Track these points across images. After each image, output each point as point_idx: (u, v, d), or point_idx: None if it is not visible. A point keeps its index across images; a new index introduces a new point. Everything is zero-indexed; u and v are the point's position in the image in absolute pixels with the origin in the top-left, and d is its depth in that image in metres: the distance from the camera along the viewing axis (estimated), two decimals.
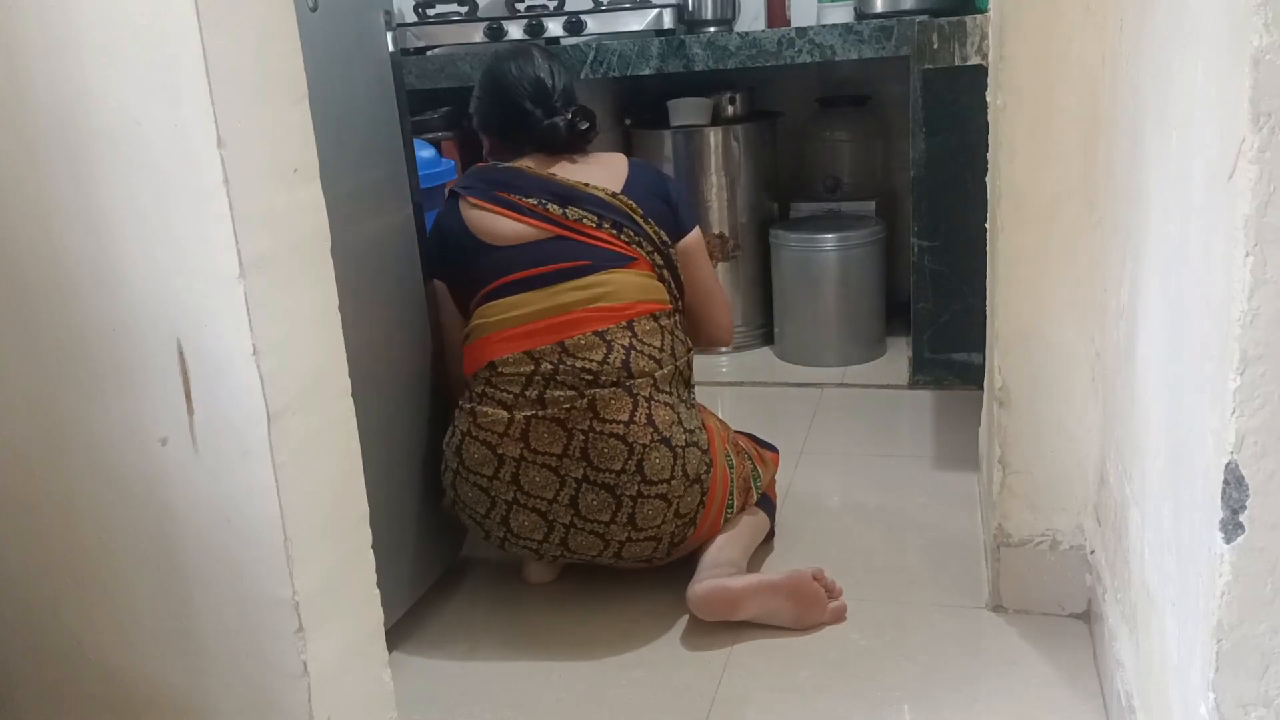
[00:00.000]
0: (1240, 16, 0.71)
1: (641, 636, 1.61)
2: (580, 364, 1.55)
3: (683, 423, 1.61)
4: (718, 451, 1.67)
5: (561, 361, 1.55)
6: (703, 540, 1.68)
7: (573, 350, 1.56)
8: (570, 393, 1.54)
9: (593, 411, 1.54)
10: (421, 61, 2.78)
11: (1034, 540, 1.55)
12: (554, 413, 1.54)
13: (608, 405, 1.55)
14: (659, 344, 1.61)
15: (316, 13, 1.38)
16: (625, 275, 1.62)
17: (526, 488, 1.56)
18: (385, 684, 1.15)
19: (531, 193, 1.64)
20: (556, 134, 1.68)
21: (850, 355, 2.79)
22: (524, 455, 1.55)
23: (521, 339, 1.58)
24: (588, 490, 1.55)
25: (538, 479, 1.56)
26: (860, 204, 2.94)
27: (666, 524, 1.60)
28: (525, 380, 1.56)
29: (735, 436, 1.81)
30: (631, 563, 1.66)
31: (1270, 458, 0.75)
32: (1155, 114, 1.06)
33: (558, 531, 1.59)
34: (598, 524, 1.58)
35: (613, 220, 1.63)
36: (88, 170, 0.92)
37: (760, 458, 1.84)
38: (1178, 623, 0.93)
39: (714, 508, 1.66)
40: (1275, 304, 0.72)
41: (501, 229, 1.63)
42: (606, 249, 1.62)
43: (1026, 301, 1.49)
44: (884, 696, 1.43)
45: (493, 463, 1.56)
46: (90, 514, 1.03)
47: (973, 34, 2.33)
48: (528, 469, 1.56)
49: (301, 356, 0.99)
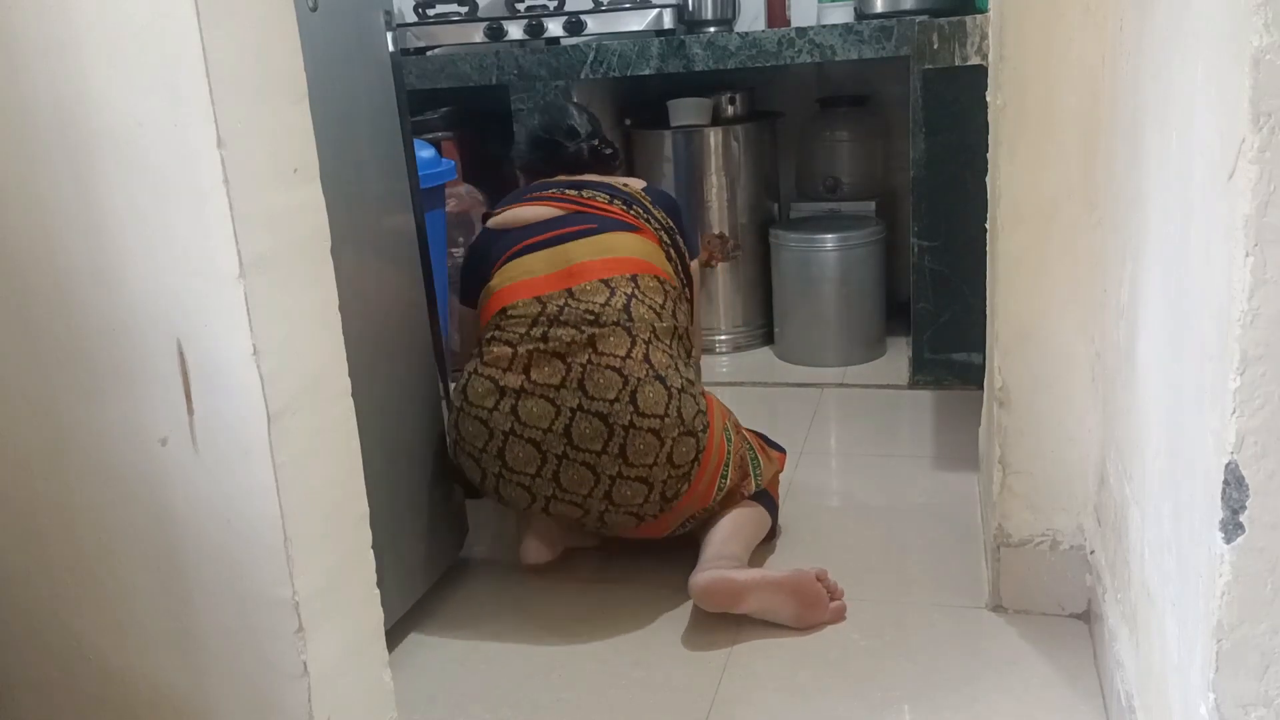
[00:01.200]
0: (1240, 16, 0.71)
1: (641, 636, 1.61)
2: (584, 306, 1.64)
3: (680, 371, 1.65)
4: (716, 419, 1.69)
5: (567, 304, 1.65)
6: (695, 509, 1.68)
7: (578, 295, 1.66)
8: (573, 331, 1.62)
9: (592, 346, 1.61)
10: (421, 61, 2.78)
11: (1034, 540, 1.55)
12: (555, 347, 1.61)
13: (606, 341, 1.61)
14: (660, 301, 1.69)
15: (316, 13, 1.38)
16: (631, 237, 1.76)
17: (524, 418, 1.59)
18: (385, 684, 1.14)
19: (551, 186, 1.85)
20: (581, 156, 1.92)
21: (850, 355, 2.79)
22: (524, 386, 1.60)
23: (532, 288, 1.69)
24: (581, 419, 1.57)
25: (535, 409, 1.59)
26: (860, 204, 2.94)
27: (659, 467, 1.59)
28: (532, 320, 1.65)
29: (741, 428, 1.82)
30: (622, 516, 1.63)
31: (1270, 458, 0.75)
32: (1155, 114, 1.06)
33: (550, 464, 1.59)
34: (589, 454, 1.58)
35: (624, 199, 1.80)
36: (88, 170, 0.92)
37: (764, 452, 1.84)
38: (1178, 623, 0.93)
39: (709, 470, 1.66)
40: (1275, 304, 0.72)
41: (523, 214, 1.79)
42: (615, 218, 1.77)
43: (1026, 301, 1.49)
44: (884, 696, 1.44)
45: (494, 395, 1.61)
46: (90, 514, 1.03)
47: (973, 34, 2.33)
48: (526, 400, 1.59)
49: (301, 356, 0.99)
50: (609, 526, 1.68)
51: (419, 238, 1.70)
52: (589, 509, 1.63)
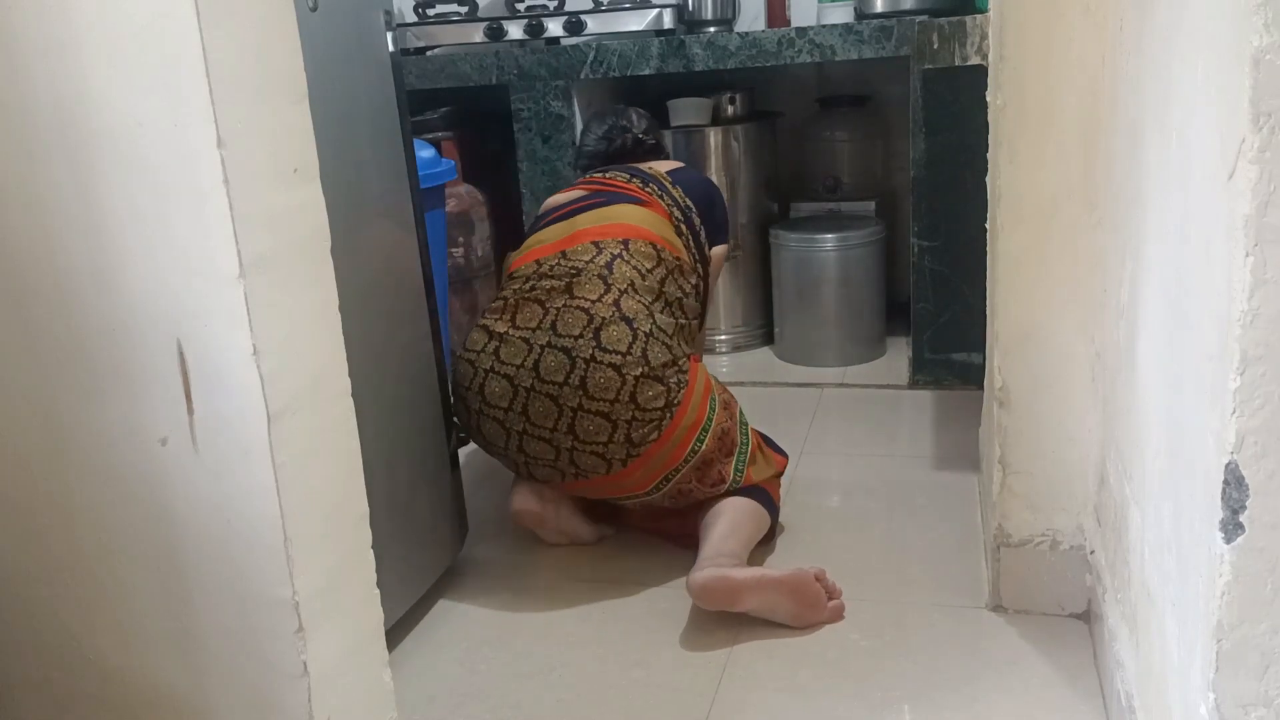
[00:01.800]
0: (1240, 16, 0.71)
1: (641, 636, 1.61)
2: (570, 263, 1.77)
3: (654, 318, 1.71)
4: (699, 383, 1.72)
5: (558, 262, 1.78)
6: (666, 465, 1.69)
7: (569, 255, 1.79)
8: (555, 281, 1.75)
9: (569, 292, 1.73)
10: (421, 61, 2.78)
11: (1034, 540, 1.55)
12: (537, 295, 1.74)
13: (582, 287, 1.73)
14: (649, 266, 1.76)
15: (316, 13, 1.38)
16: (634, 208, 1.85)
17: (504, 357, 1.71)
18: (385, 684, 1.14)
19: (587, 174, 2.04)
20: (625, 148, 2.11)
21: (850, 355, 2.79)
22: (508, 331, 1.73)
23: (537, 254, 1.83)
24: (548, 354, 1.68)
25: (513, 350, 1.71)
26: (860, 204, 2.94)
27: (620, 405, 1.64)
28: (527, 277, 1.80)
29: (740, 418, 1.82)
30: (589, 457, 1.67)
31: (1270, 458, 0.75)
32: (1155, 114, 1.06)
33: (520, 396, 1.69)
34: (553, 385, 1.67)
35: (642, 178, 1.92)
36: (88, 170, 0.92)
37: (763, 450, 1.84)
38: (1178, 623, 0.93)
39: (682, 426, 1.68)
40: (1275, 304, 0.72)
41: (557, 199, 1.97)
42: (625, 193, 1.88)
43: (1026, 301, 1.49)
44: (884, 696, 1.44)
45: (484, 339, 1.75)
46: (90, 514, 1.03)
47: (973, 34, 2.33)
48: (508, 341, 1.72)
49: (301, 356, 0.99)
50: (581, 470, 1.70)
51: (419, 238, 1.70)
52: (557, 445, 1.69)
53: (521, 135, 2.74)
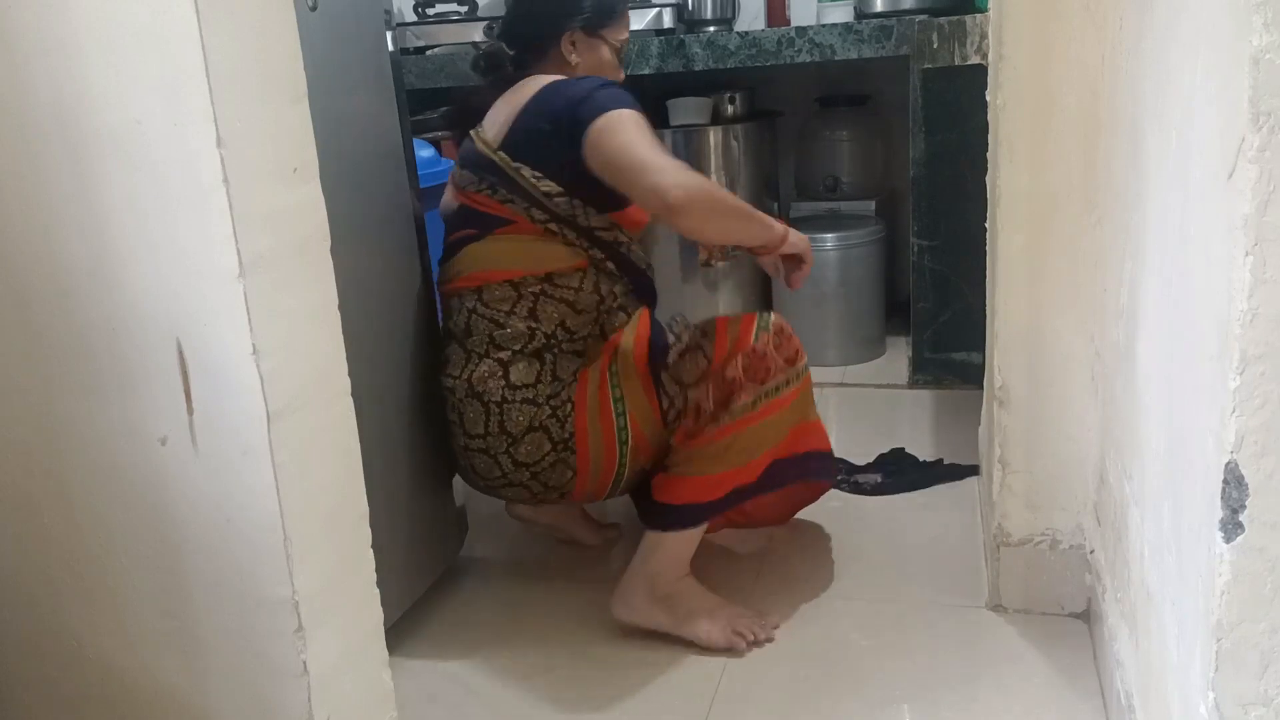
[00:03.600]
0: (1240, 16, 0.71)
1: (642, 636, 1.61)
2: (448, 325, 1.69)
3: (509, 375, 1.58)
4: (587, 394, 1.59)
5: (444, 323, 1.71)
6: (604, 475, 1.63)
7: (446, 314, 1.71)
8: (443, 351, 1.68)
9: (445, 363, 1.66)
10: (421, 61, 2.78)
11: (1034, 540, 1.55)
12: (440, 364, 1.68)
13: (447, 362, 1.65)
14: (508, 308, 1.60)
15: (316, 12, 1.38)
16: (488, 246, 1.62)
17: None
18: (385, 684, 1.14)
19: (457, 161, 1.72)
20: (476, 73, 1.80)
21: (850, 355, 2.79)
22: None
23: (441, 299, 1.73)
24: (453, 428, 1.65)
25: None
26: (860, 204, 2.94)
27: (517, 472, 1.61)
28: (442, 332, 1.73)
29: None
30: (537, 486, 1.63)
31: (1270, 457, 0.75)
32: (1155, 114, 1.06)
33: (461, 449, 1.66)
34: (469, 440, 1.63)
35: (489, 182, 1.61)
36: (88, 170, 0.92)
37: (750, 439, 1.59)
38: (1177, 622, 0.93)
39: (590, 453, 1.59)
40: (1275, 304, 0.72)
41: (445, 199, 1.74)
42: (488, 213, 1.62)
43: (1026, 301, 1.49)
44: (884, 696, 1.44)
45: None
46: (90, 513, 1.03)
47: (973, 33, 2.33)
48: None
49: (301, 356, 0.99)
50: (550, 491, 1.65)
51: (419, 237, 1.70)
52: (509, 478, 1.63)
53: None
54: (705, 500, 1.58)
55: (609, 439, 1.60)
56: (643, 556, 1.61)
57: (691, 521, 1.60)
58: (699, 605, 1.59)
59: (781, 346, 1.62)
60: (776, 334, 1.62)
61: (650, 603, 1.59)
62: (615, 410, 1.60)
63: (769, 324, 1.63)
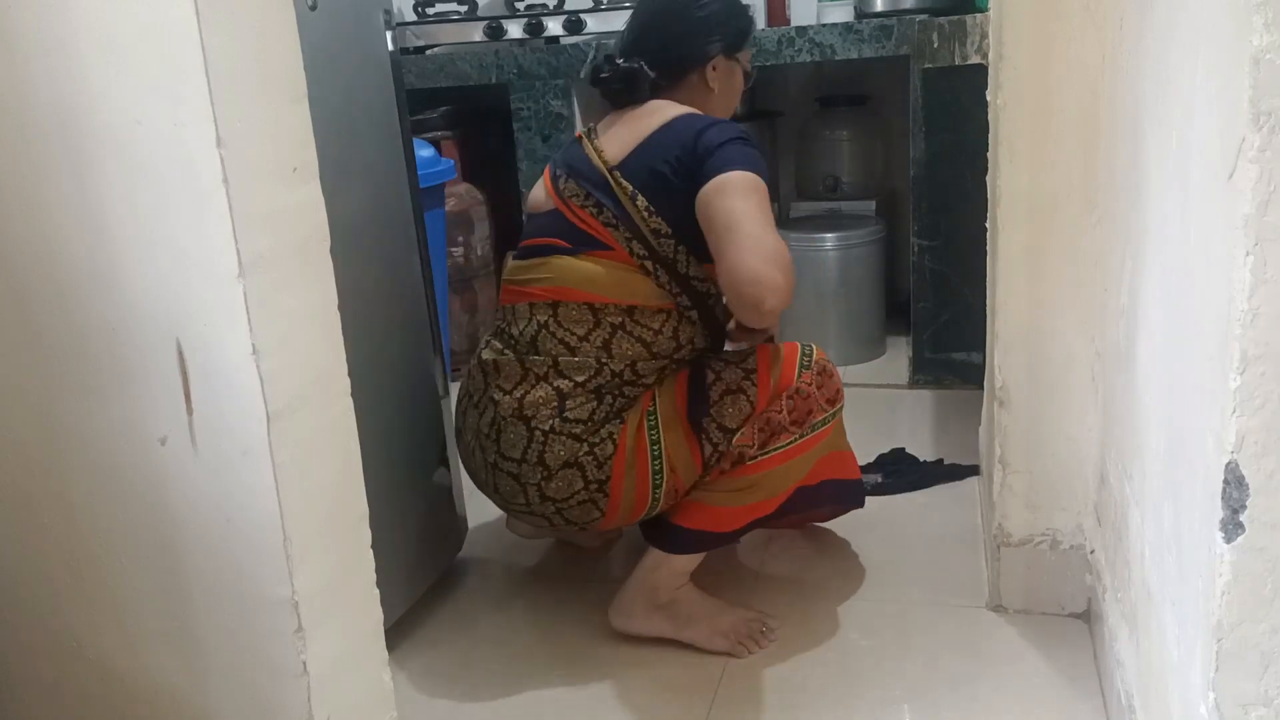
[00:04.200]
0: (1240, 16, 0.71)
1: (642, 638, 1.60)
2: (510, 329, 1.60)
3: (563, 411, 1.51)
4: (626, 442, 1.52)
5: (502, 322, 1.63)
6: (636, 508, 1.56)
7: (508, 316, 1.62)
8: (497, 354, 1.60)
9: (497, 371, 1.58)
10: (421, 61, 2.78)
11: (1034, 540, 1.55)
12: (483, 363, 1.61)
13: (500, 371, 1.57)
14: (582, 333, 1.53)
15: (316, 12, 1.38)
16: (578, 263, 1.55)
17: (465, 414, 1.64)
18: (385, 684, 1.14)
19: (560, 161, 1.66)
20: (602, 88, 1.67)
21: (850, 355, 2.79)
22: (467, 388, 1.64)
23: (505, 296, 1.66)
24: (480, 438, 1.59)
25: (466, 412, 1.64)
26: (860, 204, 2.94)
27: (541, 504, 1.54)
28: (494, 329, 1.67)
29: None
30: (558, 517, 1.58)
31: (1270, 457, 0.75)
32: (1155, 113, 1.06)
33: (483, 473, 1.62)
34: (481, 471, 1.61)
35: (596, 201, 1.56)
36: (88, 170, 0.92)
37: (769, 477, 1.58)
38: (1178, 622, 0.93)
39: (624, 490, 1.53)
40: (1275, 304, 0.72)
41: (536, 195, 1.68)
42: (585, 230, 1.56)
43: (1026, 301, 1.49)
44: (884, 696, 1.44)
45: (463, 385, 1.67)
46: (90, 513, 1.03)
47: (973, 33, 2.33)
48: (461, 400, 1.65)
49: (301, 356, 0.99)
50: (571, 525, 1.61)
51: (419, 237, 1.70)
52: (533, 509, 1.58)
53: (521, 134, 2.73)
54: (722, 530, 1.58)
55: (643, 485, 1.54)
56: (643, 573, 1.60)
57: (701, 548, 1.59)
58: (700, 611, 1.59)
59: (824, 386, 1.60)
60: (819, 373, 1.60)
61: (649, 611, 1.59)
62: (651, 454, 1.53)
63: (812, 362, 1.60)
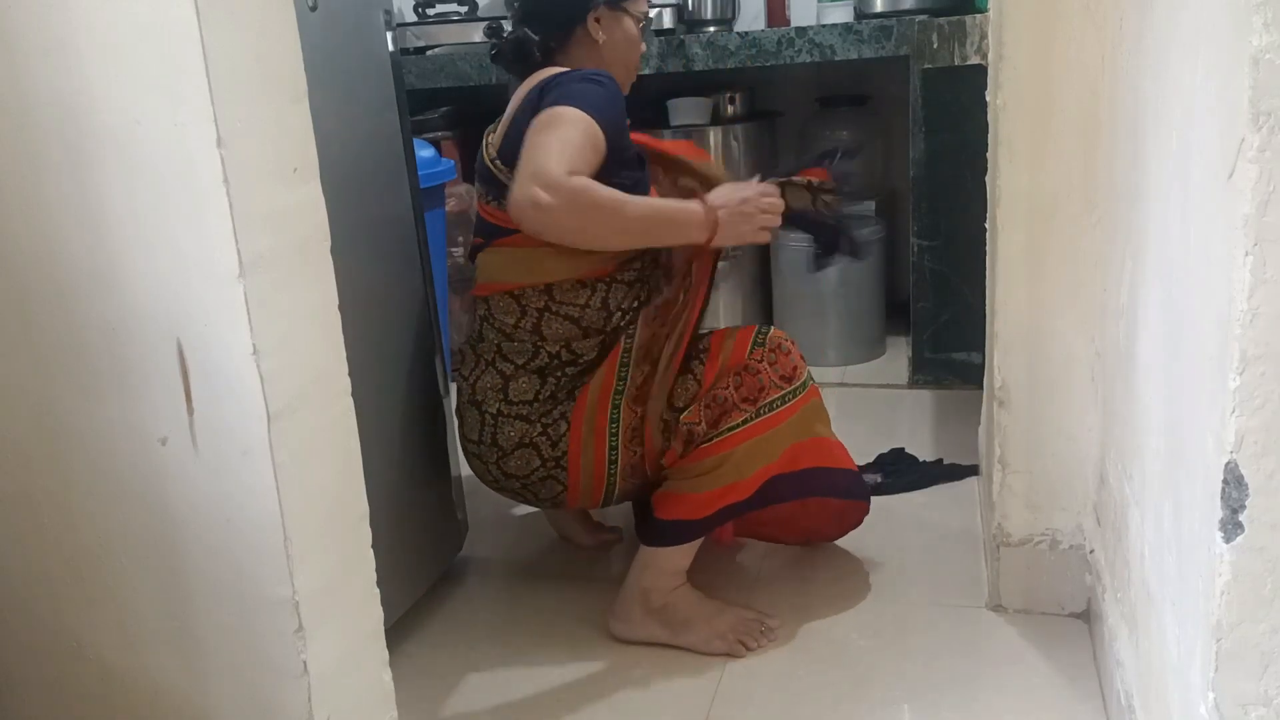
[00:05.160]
0: (1240, 16, 0.71)
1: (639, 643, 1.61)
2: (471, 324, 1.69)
3: (508, 390, 1.57)
4: (583, 418, 1.55)
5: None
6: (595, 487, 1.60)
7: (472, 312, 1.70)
8: (461, 345, 1.69)
9: (461, 360, 1.66)
10: (421, 61, 2.78)
11: (1034, 540, 1.55)
12: (458, 353, 1.69)
13: (462, 358, 1.66)
14: (514, 322, 1.58)
15: (316, 12, 1.38)
16: (492, 255, 1.61)
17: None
18: (385, 684, 1.14)
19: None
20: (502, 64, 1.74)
21: (850, 355, 2.79)
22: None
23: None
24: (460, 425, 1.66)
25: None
26: (860, 204, 2.94)
27: (505, 480, 1.62)
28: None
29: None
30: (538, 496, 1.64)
31: (1270, 457, 0.75)
32: (1155, 113, 1.06)
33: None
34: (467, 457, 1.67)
35: (491, 192, 1.58)
36: (88, 170, 0.92)
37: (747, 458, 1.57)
38: (1177, 622, 0.93)
39: (581, 469, 1.57)
40: (1275, 304, 0.72)
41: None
42: (493, 223, 1.60)
43: (1026, 301, 1.49)
44: (884, 696, 1.44)
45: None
46: (90, 513, 1.03)
47: (973, 34, 2.33)
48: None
49: (301, 356, 0.99)
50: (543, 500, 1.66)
51: (419, 237, 1.70)
52: (501, 485, 1.65)
53: None
54: (694, 518, 1.56)
55: (599, 462, 1.57)
56: (636, 572, 1.61)
57: (680, 538, 1.58)
58: (695, 613, 1.59)
59: (777, 363, 1.59)
60: (772, 350, 1.59)
61: (645, 616, 1.59)
62: (610, 431, 1.56)
63: (765, 339, 1.60)
